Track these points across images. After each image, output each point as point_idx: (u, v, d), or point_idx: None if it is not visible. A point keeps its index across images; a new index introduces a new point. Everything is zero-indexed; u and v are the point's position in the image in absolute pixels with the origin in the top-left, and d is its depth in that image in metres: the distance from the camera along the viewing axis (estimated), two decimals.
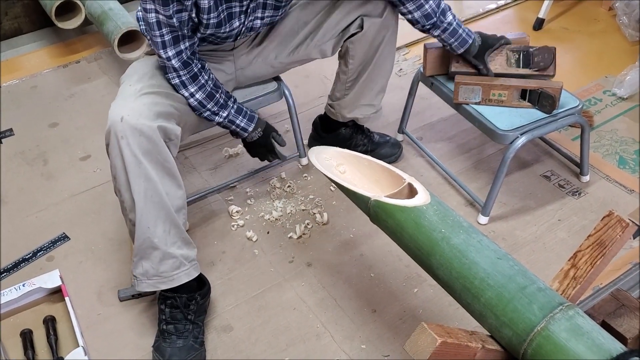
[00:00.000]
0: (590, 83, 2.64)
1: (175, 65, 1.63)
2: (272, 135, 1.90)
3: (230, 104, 1.78)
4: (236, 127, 1.82)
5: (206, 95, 1.71)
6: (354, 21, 1.89)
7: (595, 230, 1.22)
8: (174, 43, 1.60)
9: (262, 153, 1.96)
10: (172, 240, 1.62)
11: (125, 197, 1.58)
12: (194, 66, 1.67)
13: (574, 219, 2.04)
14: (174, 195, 1.61)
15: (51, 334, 1.73)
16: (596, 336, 1.06)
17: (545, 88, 1.87)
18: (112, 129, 1.52)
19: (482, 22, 3.12)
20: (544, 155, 2.29)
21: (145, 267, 1.63)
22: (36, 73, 2.89)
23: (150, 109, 1.55)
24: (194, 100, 1.70)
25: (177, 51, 1.62)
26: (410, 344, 1.08)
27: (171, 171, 1.60)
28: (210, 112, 1.75)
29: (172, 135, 1.60)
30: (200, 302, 1.72)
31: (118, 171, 1.55)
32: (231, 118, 1.79)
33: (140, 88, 1.60)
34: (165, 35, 1.59)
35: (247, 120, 1.83)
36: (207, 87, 1.71)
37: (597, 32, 2.99)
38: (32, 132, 2.53)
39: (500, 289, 1.15)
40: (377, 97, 2.09)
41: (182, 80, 1.67)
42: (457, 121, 2.44)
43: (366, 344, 1.71)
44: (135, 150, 1.51)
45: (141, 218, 1.57)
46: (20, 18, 3.10)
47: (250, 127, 1.84)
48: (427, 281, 1.85)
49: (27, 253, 2.01)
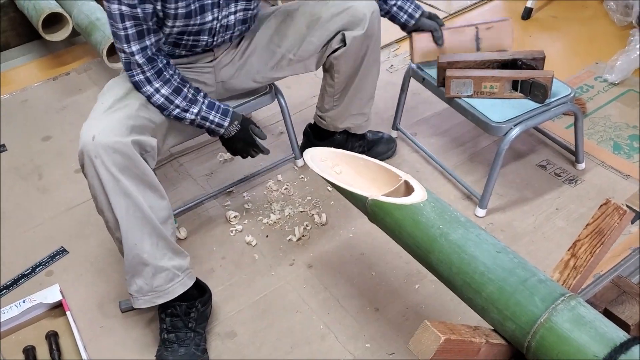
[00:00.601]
0: (581, 70, 2.64)
1: (139, 61, 1.57)
2: (250, 128, 1.81)
3: (200, 99, 1.69)
4: (210, 123, 1.72)
5: (172, 90, 1.63)
6: (334, 37, 1.87)
7: (593, 219, 1.22)
8: (138, 37, 1.55)
9: (242, 148, 1.84)
10: (161, 253, 1.60)
11: (108, 216, 1.56)
12: (159, 62, 1.61)
13: (572, 207, 2.04)
14: (158, 207, 1.58)
15: (54, 349, 1.72)
16: (599, 325, 1.06)
17: (536, 78, 1.87)
18: (84, 150, 1.49)
19: (471, 14, 3.12)
20: (539, 145, 2.29)
21: (139, 284, 1.61)
22: (26, 87, 2.88)
23: (122, 124, 1.52)
24: (159, 96, 1.62)
25: (142, 46, 1.56)
26: (414, 342, 1.08)
27: (151, 183, 1.57)
28: (180, 109, 1.66)
29: (147, 147, 1.57)
30: (201, 310, 1.71)
31: (97, 191, 1.53)
32: (203, 114, 1.69)
33: (111, 104, 1.58)
34: (129, 28, 1.53)
35: (220, 114, 1.72)
36: (173, 82, 1.64)
37: (586, 19, 2.99)
38: (26, 146, 2.52)
39: (501, 282, 1.15)
40: (367, 105, 2.09)
41: (146, 77, 1.60)
42: (450, 115, 2.44)
43: (370, 342, 1.71)
44: (111, 168, 1.49)
45: (127, 235, 1.55)
46: (7, 32, 3.09)
47: (225, 122, 1.74)
48: (428, 277, 1.85)
49: (26, 269, 2.00)
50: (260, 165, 2.30)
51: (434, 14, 2.03)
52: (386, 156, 2.24)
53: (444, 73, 1.96)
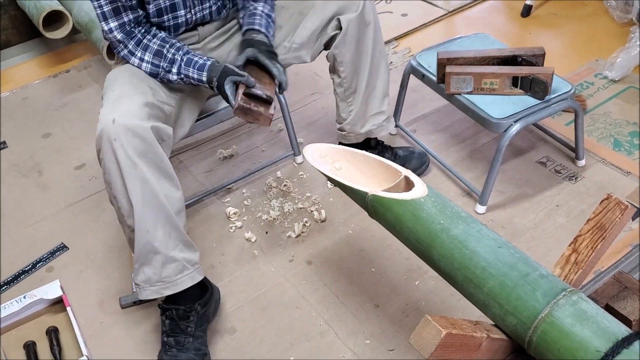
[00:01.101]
0: (581, 67, 2.64)
1: (117, 36, 1.61)
2: (232, 80, 1.64)
3: (179, 57, 1.66)
4: (192, 80, 1.67)
5: (154, 54, 1.64)
6: (329, 23, 1.86)
7: (595, 214, 1.22)
8: (114, 14, 1.58)
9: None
10: (173, 244, 1.59)
11: (121, 202, 1.54)
12: (137, 32, 1.64)
13: (572, 204, 2.04)
14: (173, 197, 1.57)
15: (55, 345, 1.73)
16: (601, 320, 1.06)
17: (536, 74, 1.87)
18: (104, 133, 1.47)
19: (471, 11, 3.12)
20: (539, 142, 2.29)
21: (148, 274, 1.60)
22: (27, 84, 2.88)
23: (141, 109, 1.52)
24: (146, 64, 1.65)
25: (120, 23, 1.60)
26: (415, 337, 1.07)
27: (168, 172, 1.56)
28: (164, 70, 1.65)
29: (164, 135, 1.57)
30: (200, 312, 1.67)
31: (113, 176, 1.51)
32: (183, 72, 1.65)
33: (126, 91, 1.57)
34: (104, 6, 1.57)
35: (197, 70, 1.65)
36: (153, 46, 1.65)
37: (586, 16, 2.99)
38: (26, 143, 2.52)
39: (502, 277, 1.15)
40: (383, 103, 2.04)
41: (129, 50, 1.64)
42: (450, 112, 2.44)
43: (370, 339, 1.71)
44: (129, 152, 1.47)
45: (140, 222, 1.53)
46: (7, 30, 3.08)
47: (203, 77, 1.65)
48: (428, 273, 1.85)
49: (27, 265, 2.00)
50: (259, 162, 2.30)
51: (274, 53, 1.77)
52: (419, 172, 2.16)
53: (444, 69, 1.96)
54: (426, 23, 3.05)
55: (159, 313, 1.69)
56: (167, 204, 1.55)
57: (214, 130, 2.42)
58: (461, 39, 2.24)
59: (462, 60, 1.96)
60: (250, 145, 2.38)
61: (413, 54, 2.75)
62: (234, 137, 2.43)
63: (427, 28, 3.03)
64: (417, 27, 3.03)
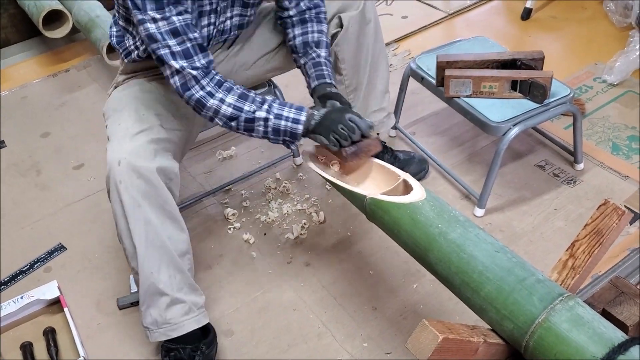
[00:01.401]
0: (580, 71, 2.65)
1: (195, 73, 1.47)
2: (345, 117, 1.50)
3: (269, 98, 1.54)
4: (285, 120, 1.52)
5: (238, 96, 1.51)
6: (331, 21, 1.86)
7: (592, 219, 1.22)
8: (194, 52, 1.46)
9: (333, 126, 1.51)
10: (178, 287, 1.56)
11: (126, 244, 1.53)
12: (216, 74, 1.52)
13: (570, 208, 2.05)
14: (177, 239, 1.55)
15: (52, 346, 1.72)
16: (597, 325, 1.06)
17: (535, 78, 1.88)
18: (110, 175, 1.47)
19: (471, 14, 3.13)
20: (538, 145, 2.29)
21: (154, 316, 1.57)
22: (26, 83, 2.88)
23: (146, 149, 1.49)
24: (226, 107, 1.50)
25: (206, 61, 1.49)
26: (412, 341, 1.07)
27: (172, 214, 1.54)
28: (251, 111, 1.50)
29: (171, 174, 1.53)
30: (205, 352, 1.64)
31: (118, 218, 1.50)
32: (276, 111, 1.51)
33: (131, 125, 1.53)
34: (173, 46, 1.45)
35: (295, 109, 1.53)
36: (237, 89, 1.52)
37: (585, 20, 3.00)
38: (24, 143, 2.52)
39: (499, 282, 1.15)
40: (384, 99, 2.04)
41: (207, 91, 1.49)
42: (449, 115, 2.44)
43: (368, 342, 1.71)
44: (133, 194, 1.46)
45: (143, 264, 1.52)
46: (7, 29, 3.08)
47: (301, 116, 1.52)
48: (426, 276, 1.85)
49: (24, 265, 2.00)
50: (259, 163, 2.30)
51: (346, 104, 1.63)
52: (419, 177, 2.15)
53: (443, 72, 1.96)
54: (426, 25, 3.05)
55: (161, 354, 1.65)
56: (171, 246, 1.53)
57: (213, 132, 2.42)
58: (461, 41, 2.24)
59: (462, 64, 1.97)
60: (249, 147, 2.38)
61: (413, 56, 2.75)
62: (233, 138, 2.43)
63: (427, 30, 3.03)
64: (417, 30, 3.03)
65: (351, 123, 1.49)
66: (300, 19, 1.76)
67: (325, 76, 1.72)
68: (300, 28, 1.75)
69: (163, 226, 1.51)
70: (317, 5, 1.77)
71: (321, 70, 1.73)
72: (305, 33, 1.75)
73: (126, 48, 1.69)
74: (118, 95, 1.67)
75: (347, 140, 1.48)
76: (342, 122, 1.49)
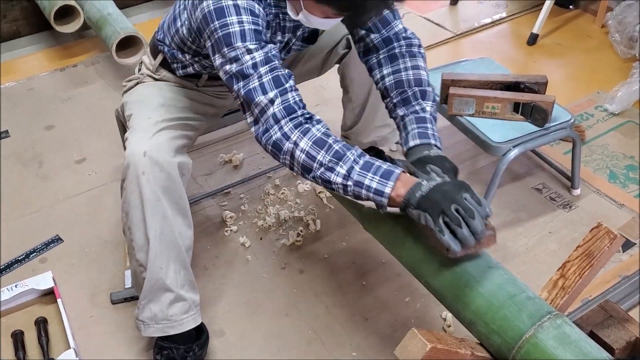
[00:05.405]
0: (582, 98, 2.67)
1: (277, 113, 1.31)
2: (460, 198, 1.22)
3: (352, 156, 1.28)
4: (367, 190, 1.26)
5: (313, 141, 1.29)
6: (339, 42, 1.87)
7: (584, 241, 1.24)
8: (276, 86, 1.32)
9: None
10: (181, 283, 1.57)
11: (136, 235, 1.51)
12: (300, 114, 1.33)
13: (565, 232, 2.06)
14: (185, 236, 1.56)
15: (42, 335, 1.73)
16: (583, 345, 1.08)
17: (538, 101, 1.90)
18: (132, 164, 1.45)
19: (477, 36, 3.16)
20: (536, 169, 2.31)
21: (154, 311, 1.57)
22: (33, 76, 2.90)
23: (169, 145, 1.50)
24: (299, 152, 1.29)
25: (281, 92, 1.32)
26: (401, 349, 1.09)
27: (184, 210, 1.55)
28: (323, 167, 1.27)
29: (185, 169, 1.55)
30: (197, 353, 1.64)
31: (132, 208, 1.49)
32: (355, 176, 1.26)
33: (156, 121, 1.55)
34: (263, 76, 1.32)
35: (380, 177, 1.26)
36: (316, 132, 1.30)
37: (590, 49, 3.03)
38: (28, 134, 2.54)
39: (490, 297, 1.17)
40: (388, 116, 2.06)
41: (284, 133, 1.31)
42: (450, 133, 2.46)
43: (357, 351, 1.72)
44: (155, 187, 1.46)
45: (154, 258, 1.51)
46: (18, 21, 3.11)
47: (386, 188, 1.25)
48: (418, 290, 1.86)
49: (21, 254, 2.01)
50: (259, 168, 2.32)
51: (461, 183, 1.32)
52: None
53: (447, 90, 1.98)
54: (433, 44, 3.08)
55: (154, 352, 1.65)
56: (180, 241, 1.55)
57: (215, 135, 2.44)
58: (466, 62, 2.27)
59: (466, 83, 1.99)
60: (251, 152, 2.40)
61: None
62: (235, 142, 2.45)
63: (434, 49, 3.06)
64: (425, 48, 3.05)
65: (469, 204, 1.21)
66: (389, 55, 1.60)
67: (430, 136, 1.47)
68: (390, 66, 1.58)
69: (176, 222, 1.52)
70: (407, 37, 1.61)
71: (425, 128, 1.48)
72: (398, 72, 1.56)
73: (182, 61, 1.67)
74: (143, 89, 1.69)
75: (460, 227, 1.17)
76: (456, 202, 1.20)
